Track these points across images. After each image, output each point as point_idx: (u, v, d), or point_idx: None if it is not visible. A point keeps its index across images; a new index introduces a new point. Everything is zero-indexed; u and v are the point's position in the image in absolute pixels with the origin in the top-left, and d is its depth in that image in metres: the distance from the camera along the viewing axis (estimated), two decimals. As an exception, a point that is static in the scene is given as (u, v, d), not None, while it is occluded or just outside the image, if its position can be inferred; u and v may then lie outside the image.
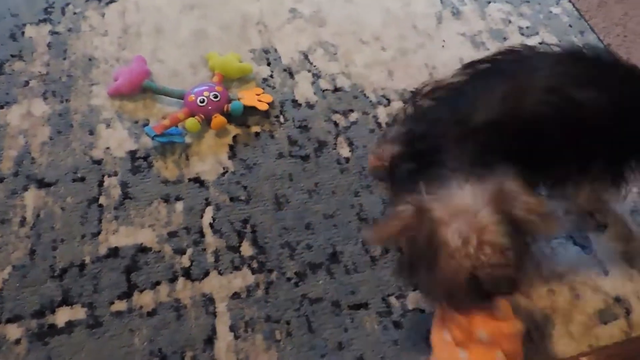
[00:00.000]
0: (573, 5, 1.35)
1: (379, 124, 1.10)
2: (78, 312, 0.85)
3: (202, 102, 1.03)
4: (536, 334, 0.88)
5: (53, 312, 0.85)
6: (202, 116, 1.03)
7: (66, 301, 0.86)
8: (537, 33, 1.29)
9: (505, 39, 1.27)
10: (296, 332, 0.85)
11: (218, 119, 1.03)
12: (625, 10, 1.36)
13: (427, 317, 0.88)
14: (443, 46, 1.25)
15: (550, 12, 1.33)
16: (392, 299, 0.89)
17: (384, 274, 0.91)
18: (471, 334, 0.65)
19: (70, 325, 0.83)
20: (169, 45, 1.19)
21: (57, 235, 0.92)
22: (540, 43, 1.27)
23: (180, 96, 1.06)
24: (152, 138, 0.99)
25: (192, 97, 1.04)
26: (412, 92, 0.99)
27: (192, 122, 1.02)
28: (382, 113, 1.12)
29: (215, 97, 1.05)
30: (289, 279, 0.90)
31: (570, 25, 1.32)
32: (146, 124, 1.05)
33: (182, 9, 1.26)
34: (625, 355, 0.91)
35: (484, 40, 1.26)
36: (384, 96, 1.15)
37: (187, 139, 1.04)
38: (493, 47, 1.25)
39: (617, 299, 0.93)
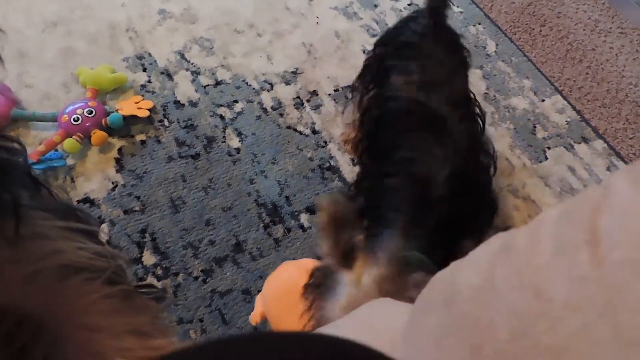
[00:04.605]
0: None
1: (264, 110, 1.11)
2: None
3: (77, 120, 1.00)
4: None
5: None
6: (81, 135, 1.00)
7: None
8: (404, -4, 1.34)
9: (375, 5, 1.31)
10: (210, 327, 0.85)
11: (98, 135, 1.01)
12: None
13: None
14: (317, 22, 1.27)
15: (414, -26, 1.38)
16: (300, 275, 0.91)
17: (289, 253, 0.93)
18: None
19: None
20: (36, 68, 1.14)
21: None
22: (409, 5, 1.33)
23: (54, 118, 1.02)
24: (29, 167, 0.95)
25: (65, 117, 1.01)
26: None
27: (70, 143, 0.99)
28: (267, 98, 1.13)
29: (90, 112, 1.02)
30: (196, 278, 0.90)
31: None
32: (23, 154, 1.00)
33: (45, 28, 1.20)
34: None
35: (356, 10, 1.30)
36: (266, 81, 1.16)
37: (69, 161, 1.01)
38: (365, 16, 1.29)
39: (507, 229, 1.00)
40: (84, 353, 0.31)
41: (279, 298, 0.77)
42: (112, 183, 0.99)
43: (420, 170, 0.73)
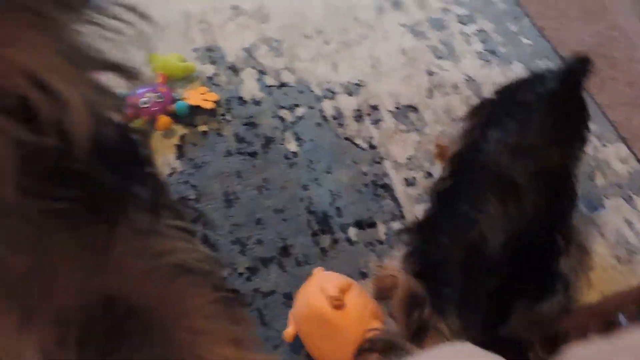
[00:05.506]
0: (508, -8, 1.40)
1: (324, 118, 1.12)
2: None
3: (146, 103, 1.03)
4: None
5: None
6: (147, 118, 1.03)
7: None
8: (474, 21, 1.33)
9: (444, 27, 1.31)
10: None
11: (163, 120, 1.03)
12: (558, -5, 1.43)
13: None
14: (385, 37, 1.28)
15: (487, -1, 1.38)
16: (343, 287, 0.92)
17: (334, 264, 0.94)
18: None
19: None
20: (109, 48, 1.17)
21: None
22: (478, 31, 1.32)
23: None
24: (96, 143, 0.98)
25: (135, 98, 1.04)
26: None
27: (137, 124, 1.01)
28: (328, 106, 1.14)
29: (159, 97, 1.04)
30: (240, 274, 0.91)
31: (506, 12, 1.37)
32: (90, 129, 1.04)
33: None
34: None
35: (424, 30, 1.30)
36: (329, 89, 1.17)
37: (133, 142, 1.04)
38: (433, 36, 1.29)
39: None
40: (186, 355, 0.32)
41: (308, 325, 0.79)
42: (171, 169, 1.02)
43: (474, 234, 0.70)
